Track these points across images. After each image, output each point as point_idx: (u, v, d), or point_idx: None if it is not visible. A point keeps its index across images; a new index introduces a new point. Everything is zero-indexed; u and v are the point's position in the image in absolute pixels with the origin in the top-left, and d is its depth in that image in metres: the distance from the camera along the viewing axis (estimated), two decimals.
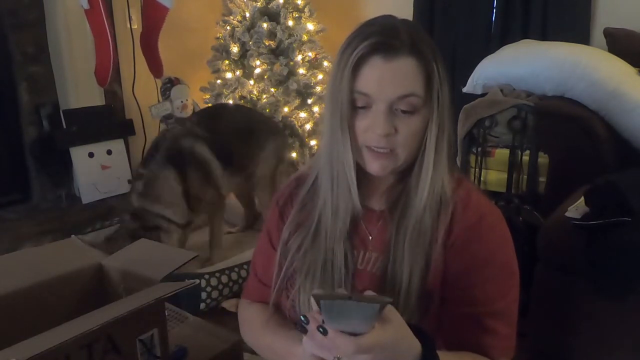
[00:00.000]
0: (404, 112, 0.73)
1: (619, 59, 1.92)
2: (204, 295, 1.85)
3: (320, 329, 0.56)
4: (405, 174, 0.80)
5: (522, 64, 1.99)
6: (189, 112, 2.83)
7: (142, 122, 2.94)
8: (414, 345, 0.61)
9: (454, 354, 0.74)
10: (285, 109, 2.73)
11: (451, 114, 0.78)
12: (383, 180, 0.82)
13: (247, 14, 2.78)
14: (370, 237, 0.83)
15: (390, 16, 0.79)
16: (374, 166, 0.76)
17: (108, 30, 2.46)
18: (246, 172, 2.29)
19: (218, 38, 2.89)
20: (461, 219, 0.78)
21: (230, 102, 2.80)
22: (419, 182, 0.78)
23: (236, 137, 2.24)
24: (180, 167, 2.05)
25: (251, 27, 2.76)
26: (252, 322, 0.93)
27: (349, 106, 0.75)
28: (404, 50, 0.72)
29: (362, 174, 0.80)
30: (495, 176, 2.03)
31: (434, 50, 0.75)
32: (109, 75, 2.57)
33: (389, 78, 0.72)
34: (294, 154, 2.71)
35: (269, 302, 0.89)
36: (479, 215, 0.78)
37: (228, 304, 1.89)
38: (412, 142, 0.75)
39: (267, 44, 2.72)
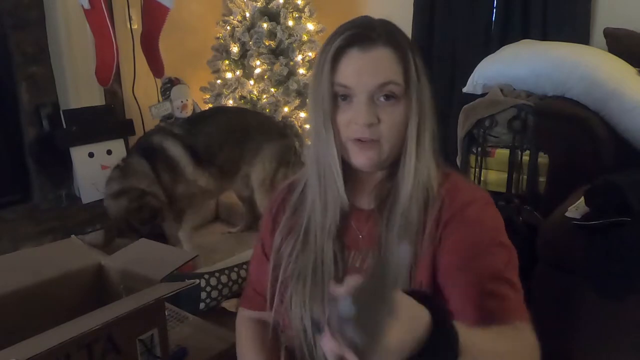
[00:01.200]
0: (384, 101, 0.75)
1: (619, 59, 1.92)
2: (203, 295, 1.85)
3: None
4: (392, 172, 0.80)
5: (522, 64, 1.99)
6: (189, 112, 2.83)
7: (142, 122, 2.93)
8: (422, 317, 0.52)
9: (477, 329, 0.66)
10: (285, 109, 2.73)
11: (432, 107, 0.79)
12: (371, 178, 0.82)
13: (247, 14, 2.78)
14: (360, 236, 0.83)
15: (367, 16, 0.81)
16: (359, 159, 0.77)
17: (111, 30, 2.46)
18: (238, 173, 2.31)
19: (218, 38, 2.89)
20: (449, 208, 0.77)
21: (231, 102, 2.80)
22: (404, 174, 0.78)
23: (224, 139, 2.26)
24: (151, 159, 2.16)
25: (251, 27, 2.76)
26: (240, 336, 0.94)
27: (331, 101, 0.76)
28: (380, 41, 0.74)
29: (349, 172, 0.80)
30: (495, 176, 2.03)
31: (410, 43, 0.77)
32: (112, 75, 2.57)
33: (367, 68, 0.74)
34: None
35: (261, 309, 0.90)
36: (466, 201, 0.77)
37: (228, 304, 1.89)
38: (395, 132, 0.76)
39: (267, 44, 2.72)
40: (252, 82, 2.77)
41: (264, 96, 2.75)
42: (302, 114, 2.77)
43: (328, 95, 0.75)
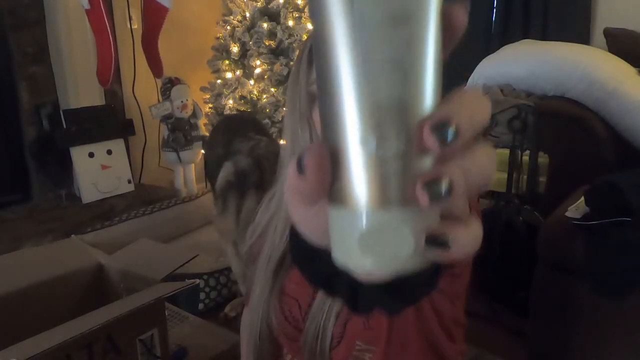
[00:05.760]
0: None
1: (619, 59, 1.92)
2: (202, 295, 1.85)
3: None
4: None
5: (522, 64, 1.99)
6: (189, 112, 2.83)
7: (142, 122, 2.93)
8: None
9: None
10: (285, 109, 2.73)
11: None
12: None
13: (247, 14, 2.78)
14: None
15: None
16: None
17: (109, 30, 2.46)
18: None
19: (218, 38, 2.89)
20: None
21: (231, 102, 2.80)
22: None
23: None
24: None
25: (251, 27, 2.76)
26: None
27: (307, 99, 0.73)
28: None
29: None
30: (495, 176, 2.03)
31: None
32: (110, 75, 2.57)
33: None
34: None
35: None
36: None
37: (229, 308, 1.85)
38: None
39: (267, 44, 2.72)
40: (252, 82, 2.77)
41: (264, 96, 2.75)
42: None
43: (304, 94, 0.73)
